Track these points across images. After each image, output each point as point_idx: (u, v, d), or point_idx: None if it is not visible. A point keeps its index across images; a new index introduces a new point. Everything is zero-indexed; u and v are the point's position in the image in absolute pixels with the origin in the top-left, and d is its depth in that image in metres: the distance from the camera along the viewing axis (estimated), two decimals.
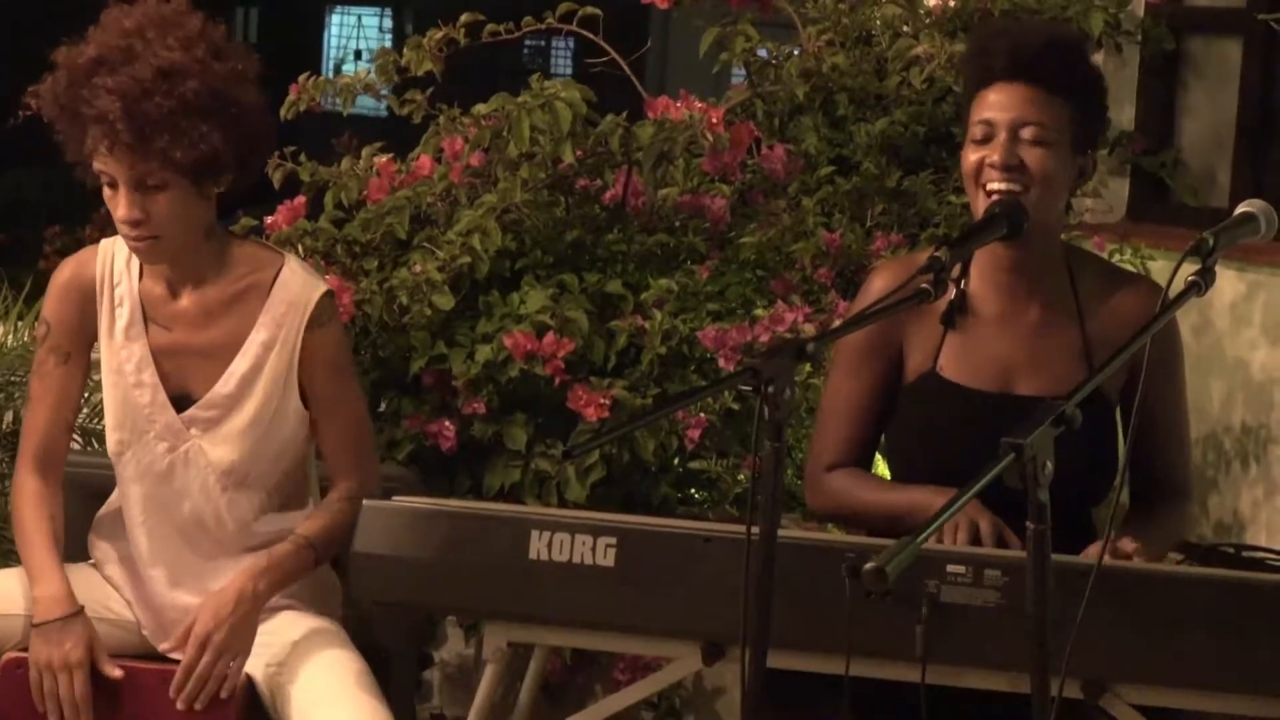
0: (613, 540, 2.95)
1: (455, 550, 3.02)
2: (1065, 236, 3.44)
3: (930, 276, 2.89)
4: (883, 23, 4.72)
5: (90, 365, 3.48)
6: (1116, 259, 4.64)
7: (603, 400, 4.01)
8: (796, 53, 4.74)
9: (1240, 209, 2.93)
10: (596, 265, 4.30)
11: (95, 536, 3.51)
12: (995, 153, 3.15)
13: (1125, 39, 4.92)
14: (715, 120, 4.30)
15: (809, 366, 3.95)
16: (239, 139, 3.28)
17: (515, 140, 4.20)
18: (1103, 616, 2.70)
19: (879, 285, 3.24)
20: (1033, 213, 3.13)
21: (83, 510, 3.53)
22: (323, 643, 3.32)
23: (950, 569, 2.84)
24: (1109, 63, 5.18)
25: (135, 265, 3.40)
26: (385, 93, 4.62)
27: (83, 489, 3.56)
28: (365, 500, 3.10)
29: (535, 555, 2.97)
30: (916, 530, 2.31)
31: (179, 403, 3.37)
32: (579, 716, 3.16)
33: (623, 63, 4.62)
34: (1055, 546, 2.47)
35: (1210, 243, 2.78)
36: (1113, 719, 2.90)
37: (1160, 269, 4.64)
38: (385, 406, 4.21)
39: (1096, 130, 3.29)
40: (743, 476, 4.09)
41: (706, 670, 3.04)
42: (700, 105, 4.32)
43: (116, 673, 3.31)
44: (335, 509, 3.38)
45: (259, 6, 18.26)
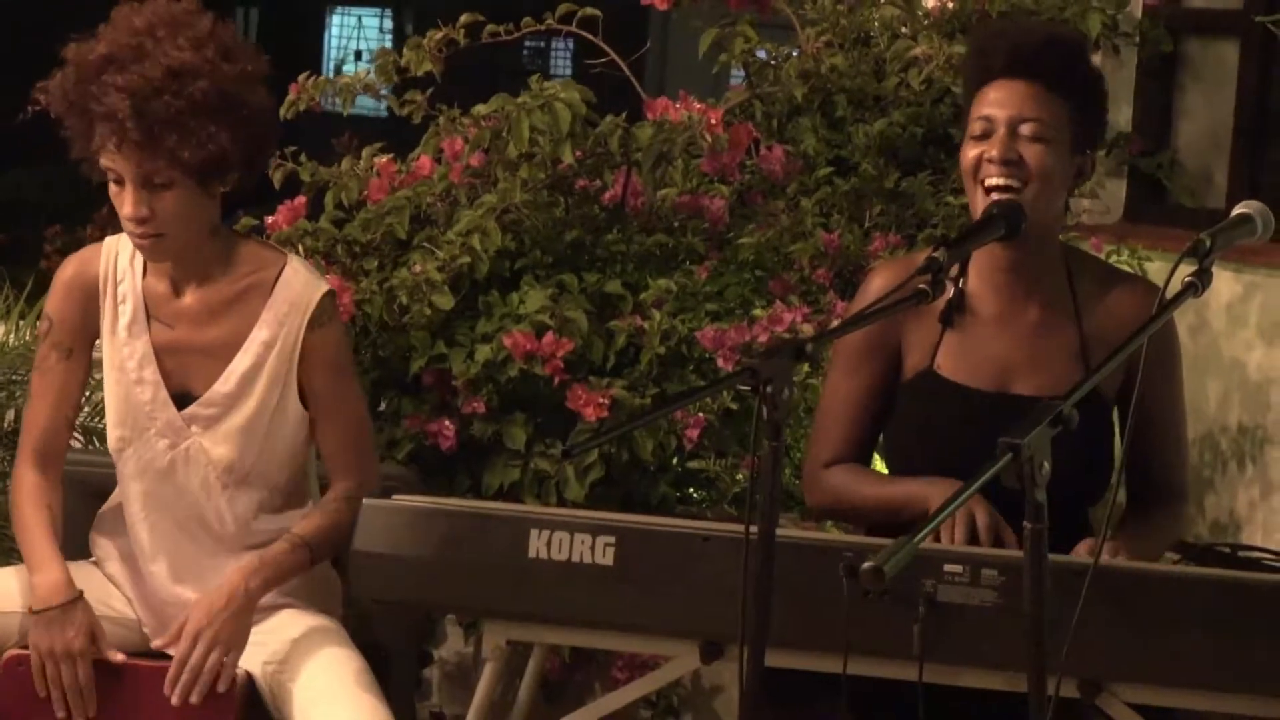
0: (611, 539, 2.95)
1: (455, 549, 3.02)
2: (1063, 237, 3.43)
3: (928, 277, 2.89)
4: (881, 24, 4.72)
5: (91, 363, 3.48)
6: (1114, 260, 4.64)
7: (602, 400, 4.00)
8: (795, 54, 4.73)
9: (1237, 210, 2.93)
10: (596, 265, 4.29)
11: (96, 534, 3.52)
12: (994, 148, 3.16)
13: (1123, 40, 4.92)
14: (714, 121, 4.29)
15: (807, 366, 3.94)
16: (246, 139, 3.28)
17: (515, 141, 4.19)
18: (1099, 616, 2.71)
19: (877, 285, 3.24)
20: (1030, 210, 3.13)
21: (84, 509, 3.53)
22: (323, 641, 3.32)
23: (947, 568, 2.84)
24: (1106, 64, 5.16)
25: (139, 263, 3.40)
26: (385, 93, 4.61)
27: (84, 487, 3.56)
28: (365, 499, 3.10)
29: (534, 554, 2.97)
30: (914, 530, 2.32)
31: (180, 400, 3.38)
32: (577, 714, 3.16)
33: (622, 64, 4.61)
34: (1052, 546, 2.47)
35: (1207, 244, 2.78)
36: (1109, 718, 2.90)
37: (1157, 270, 4.64)
38: (385, 406, 4.20)
39: (1095, 130, 3.29)
40: (741, 476, 4.08)
41: (705, 669, 3.05)
42: (699, 106, 4.31)
43: (119, 657, 3.31)
44: (332, 508, 3.38)
45: (259, 7, 18.24)
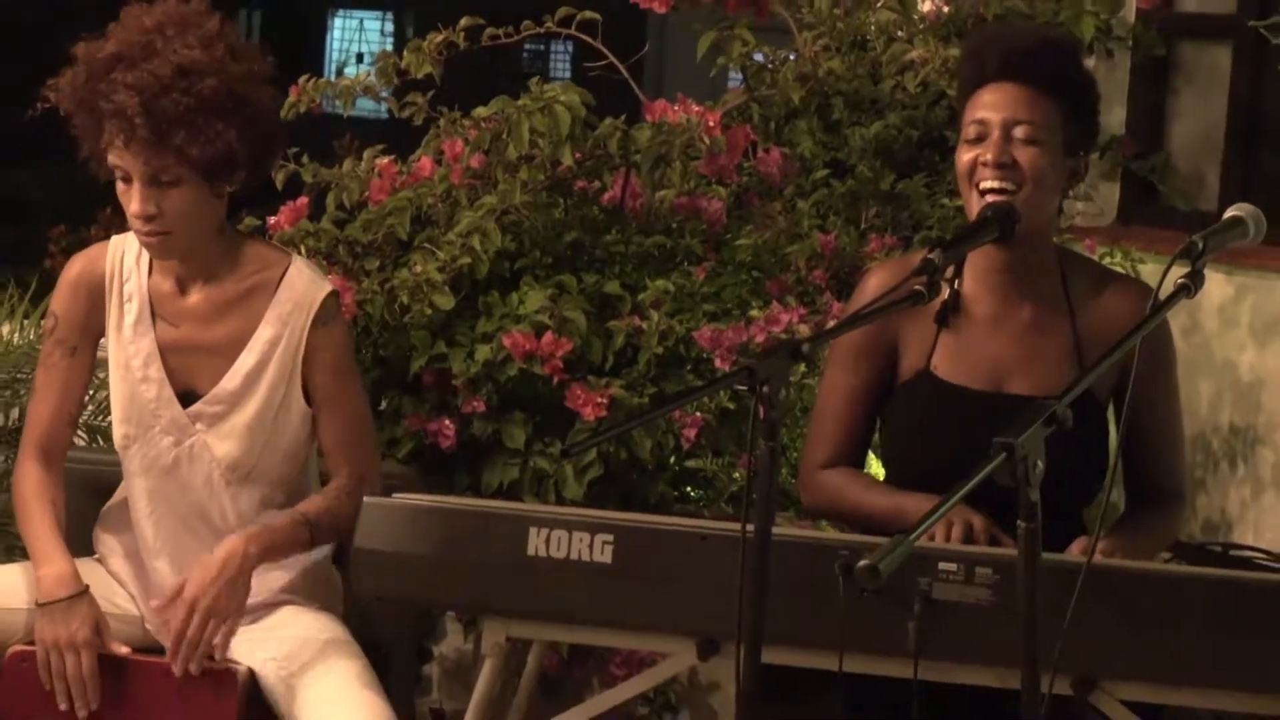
0: (610, 537, 2.96)
1: (455, 547, 3.02)
2: (1057, 239, 3.45)
3: (924, 278, 2.90)
4: (877, 28, 4.74)
5: (95, 361, 3.49)
6: (1107, 262, 4.64)
7: (600, 399, 4.00)
8: (792, 57, 4.74)
9: (1229, 213, 2.94)
10: (595, 266, 4.29)
11: (100, 530, 3.53)
12: (988, 151, 3.17)
13: (1116, 44, 4.92)
14: (712, 123, 4.29)
15: (804, 367, 3.96)
16: (253, 138, 3.30)
17: (515, 143, 4.19)
18: (1093, 614, 2.71)
19: (874, 286, 3.25)
20: (1024, 212, 3.14)
21: (87, 506, 3.53)
22: (324, 638, 3.32)
23: (942, 567, 2.85)
24: (1100, 67, 5.17)
25: (145, 262, 3.42)
26: (386, 95, 4.60)
27: (86, 485, 3.57)
28: (366, 497, 3.10)
29: (534, 552, 2.97)
30: (909, 528, 2.33)
31: (185, 398, 3.39)
32: (576, 710, 3.16)
33: (621, 66, 4.62)
34: (1046, 545, 2.49)
35: (1200, 246, 2.79)
36: (1102, 715, 2.91)
37: (1150, 272, 4.64)
38: (386, 405, 4.19)
39: (1088, 132, 3.30)
40: (738, 475, 4.09)
41: (702, 665, 3.03)
42: (697, 109, 4.32)
43: (123, 650, 3.32)
44: (334, 497, 3.38)
45: (262, 9, 18.24)
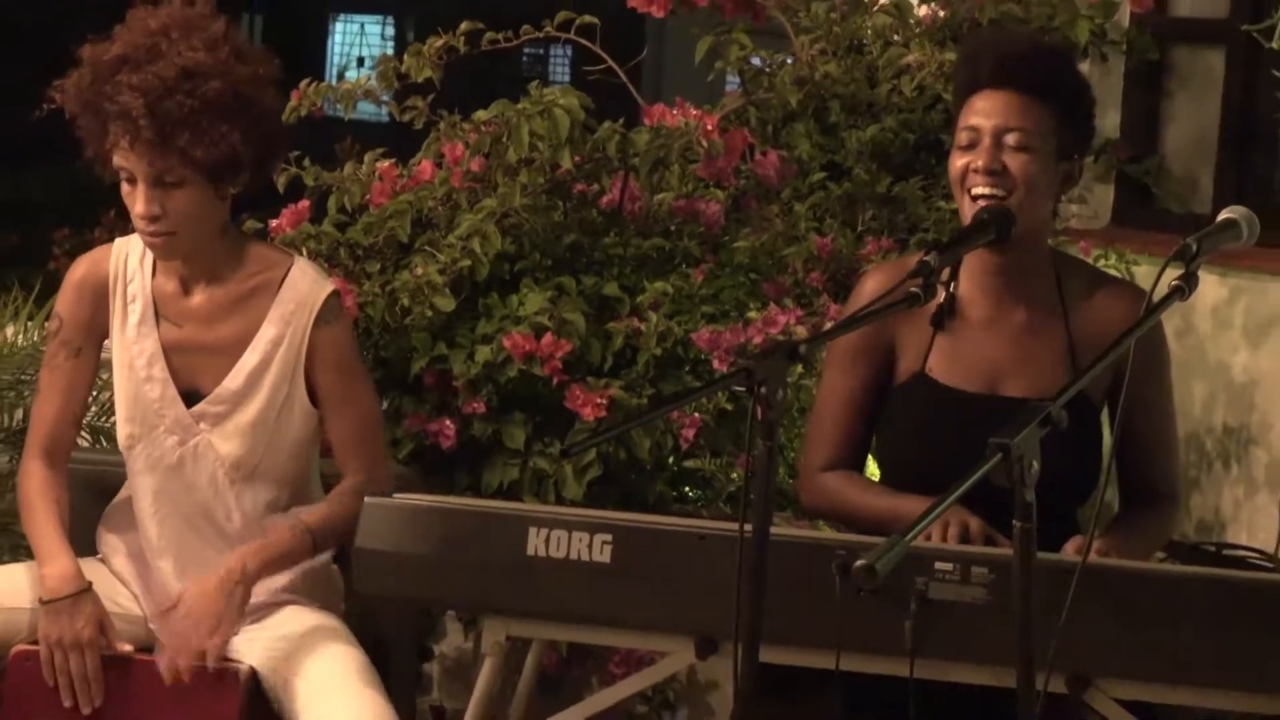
0: (609, 537, 2.97)
1: (455, 546, 3.03)
2: (1052, 242, 3.46)
3: (920, 281, 2.92)
4: (874, 32, 4.74)
5: (99, 362, 3.50)
6: (1102, 264, 4.65)
7: (599, 400, 4.00)
8: (789, 61, 4.73)
9: (1223, 215, 2.96)
10: (594, 268, 4.29)
11: (104, 529, 3.54)
12: (979, 158, 3.18)
13: (1111, 48, 4.92)
14: (710, 127, 4.29)
15: (801, 368, 3.97)
16: (258, 140, 3.32)
17: (515, 146, 4.19)
18: (1087, 613, 2.73)
19: (871, 288, 3.27)
20: (1017, 216, 3.16)
21: (90, 507, 3.54)
22: (325, 637, 3.34)
23: (939, 566, 2.86)
24: (1094, 71, 5.17)
25: (149, 263, 3.43)
26: (386, 99, 4.60)
27: (90, 485, 3.58)
28: (367, 497, 3.11)
29: (533, 552, 2.98)
30: (906, 528, 2.34)
31: (188, 398, 3.40)
32: (575, 709, 3.17)
33: (620, 70, 4.61)
34: (1041, 545, 2.50)
35: (1193, 248, 2.81)
36: (1097, 714, 2.92)
37: (1144, 274, 4.65)
38: (387, 406, 4.16)
39: (1082, 137, 3.31)
40: (736, 475, 4.08)
41: (700, 664, 3.03)
42: (695, 112, 4.32)
43: (127, 648, 3.33)
44: (338, 501, 3.39)
45: (264, 13, 18.23)
